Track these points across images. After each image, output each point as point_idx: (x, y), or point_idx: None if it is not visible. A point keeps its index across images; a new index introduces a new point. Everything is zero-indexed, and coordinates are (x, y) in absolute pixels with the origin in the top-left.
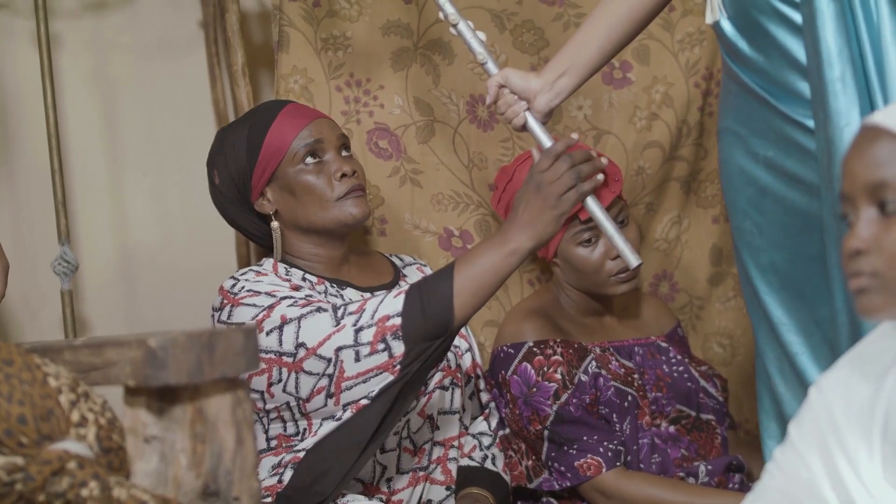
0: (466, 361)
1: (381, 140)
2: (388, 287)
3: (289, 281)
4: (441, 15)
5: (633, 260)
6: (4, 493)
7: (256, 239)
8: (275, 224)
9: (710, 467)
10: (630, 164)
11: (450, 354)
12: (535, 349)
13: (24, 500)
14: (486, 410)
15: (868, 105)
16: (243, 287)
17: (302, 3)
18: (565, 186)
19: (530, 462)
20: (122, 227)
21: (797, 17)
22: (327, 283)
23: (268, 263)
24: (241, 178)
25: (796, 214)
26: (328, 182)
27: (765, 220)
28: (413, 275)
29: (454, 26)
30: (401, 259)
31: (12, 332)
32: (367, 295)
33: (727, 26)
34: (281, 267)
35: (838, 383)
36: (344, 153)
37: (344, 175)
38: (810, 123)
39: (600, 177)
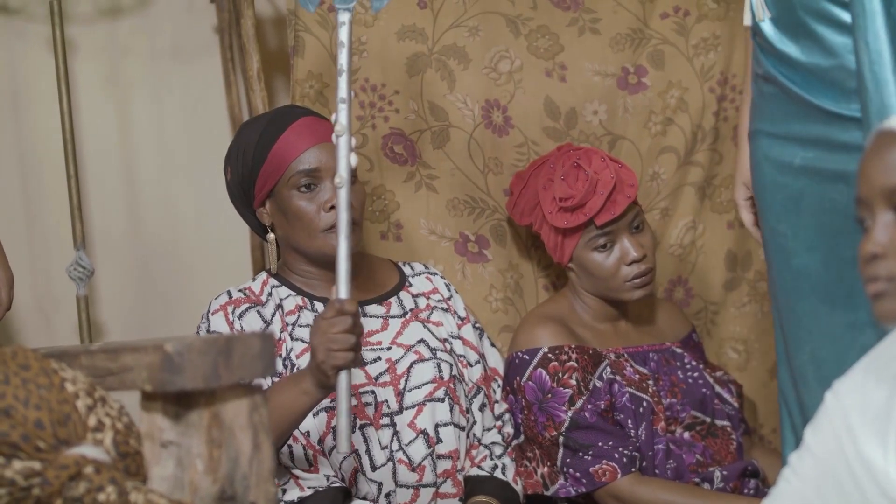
0: (475, 373)
1: (397, 145)
2: (384, 298)
3: (259, 304)
4: (333, 118)
5: (344, 446)
6: (22, 498)
7: (265, 240)
8: (270, 236)
9: (725, 473)
10: (645, 169)
11: (442, 365)
12: (550, 355)
13: None
14: (500, 422)
15: None
16: (202, 320)
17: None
18: (339, 345)
19: (546, 469)
20: (138, 233)
21: (846, 16)
22: (315, 303)
23: (259, 279)
24: (247, 182)
25: (835, 214)
26: (318, 212)
27: (800, 222)
28: (420, 284)
29: (339, 136)
30: (412, 268)
31: (28, 337)
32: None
33: (768, 27)
34: (268, 285)
35: (854, 388)
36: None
37: (333, 207)
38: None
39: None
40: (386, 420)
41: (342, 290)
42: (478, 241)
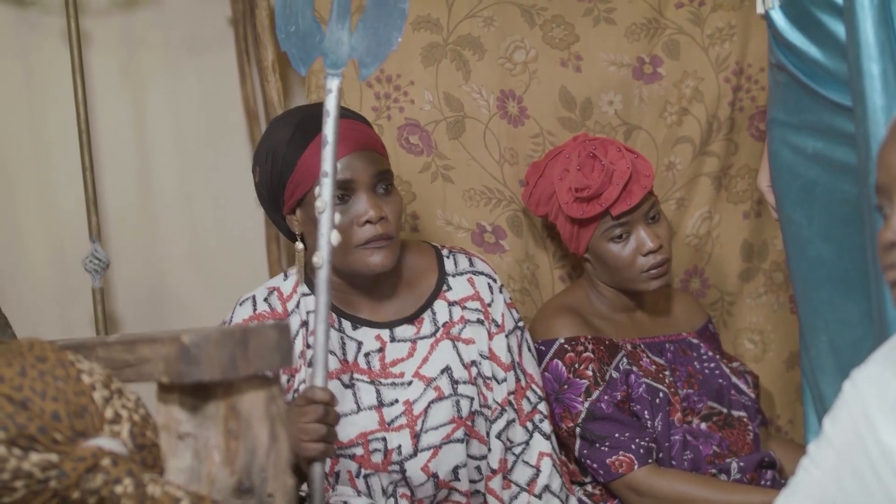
0: (501, 392)
1: (412, 136)
2: (417, 315)
3: (286, 313)
4: (316, 190)
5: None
6: (39, 490)
7: (290, 238)
8: (300, 246)
9: (741, 464)
10: (660, 159)
11: (462, 403)
12: (566, 346)
13: (58, 497)
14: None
15: None
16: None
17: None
18: (309, 436)
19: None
20: (153, 224)
21: None
22: (342, 321)
23: (291, 280)
24: (276, 187)
25: (846, 204)
26: (350, 226)
27: (815, 211)
28: (460, 288)
29: (319, 213)
30: (455, 261)
31: (44, 329)
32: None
33: (778, 16)
34: (298, 292)
35: (872, 377)
36: (380, 190)
37: (368, 221)
38: None
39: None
40: (395, 466)
41: (318, 375)
42: (494, 231)
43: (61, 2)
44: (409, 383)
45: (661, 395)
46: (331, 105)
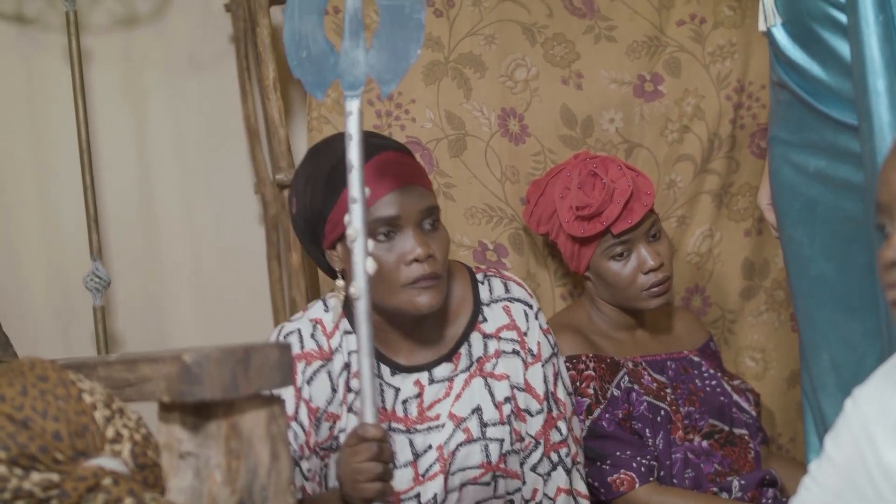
0: (535, 425)
1: (414, 154)
2: (454, 351)
3: (328, 360)
4: (345, 218)
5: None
6: None
7: (329, 274)
8: (341, 283)
9: (743, 482)
10: (662, 177)
11: (491, 447)
12: (567, 364)
13: None
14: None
15: None
16: None
17: (333, 17)
18: (364, 476)
19: None
20: (154, 243)
21: None
22: (381, 367)
23: (333, 313)
24: (315, 220)
25: (848, 222)
26: (397, 264)
27: (816, 229)
28: (495, 317)
29: (352, 241)
30: (490, 287)
31: (45, 348)
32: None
33: (780, 34)
34: (341, 329)
35: (874, 395)
36: (427, 226)
37: (415, 260)
38: None
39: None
40: None
41: (367, 412)
42: (496, 249)
43: (62, 19)
44: (443, 426)
45: (662, 413)
46: (352, 128)
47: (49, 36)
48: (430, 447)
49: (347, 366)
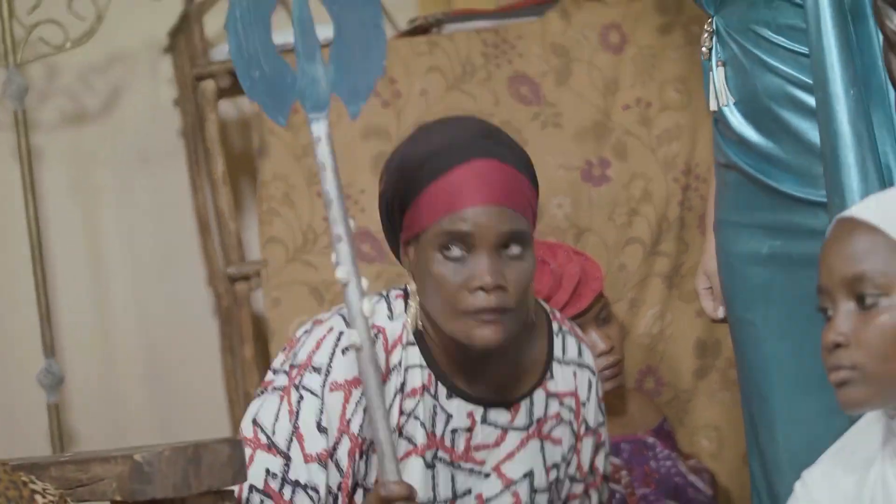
0: (572, 489)
1: (364, 244)
2: (516, 401)
3: (388, 370)
4: (332, 257)
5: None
6: None
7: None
8: (412, 287)
9: None
10: (611, 261)
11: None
12: None
13: None
14: None
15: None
16: (304, 374)
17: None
18: None
19: None
20: (108, 338)
21: (812, 100)
22: (438, 386)
23: (399, 320)
24: (397, 208)
25: (805, 300)
26: (462, 286)
27: (770, 311)
28: (563, 379)
29: (343, 284)
30: (563, 345)
31: None
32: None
33: (731, 113)
34: (404, 340)
35: (823, 477)
36: (509, 252)
37: (481, 288)
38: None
39: None
40: None
41: (389, 468)
42: None
43: (11, 118)
44: (487, 475)
45: (617, 496)
46: (324, 156)
47: None
48: (469, 492)
49: (402, 386)
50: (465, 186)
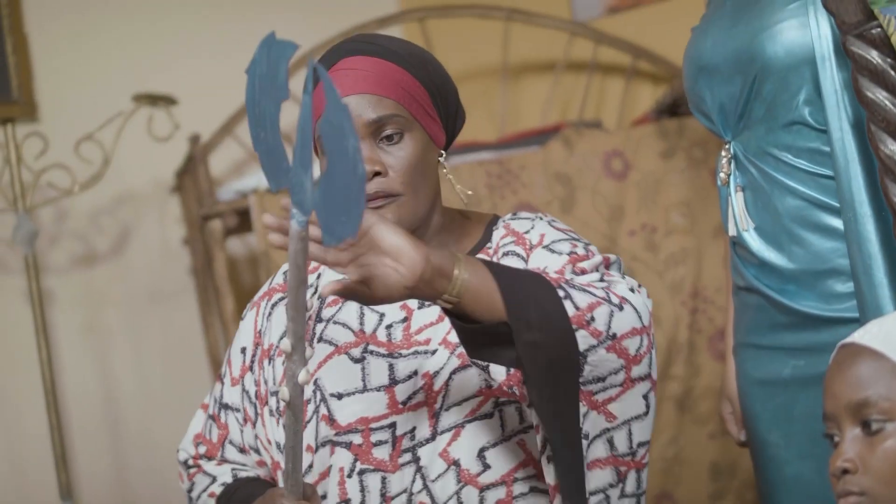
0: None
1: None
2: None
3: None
4: (283, 343)
5: None
6: None
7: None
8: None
9: None
10: None
11: (491, 368)
12: None
13: None
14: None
15: None
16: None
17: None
18: None
19: None
20: (123, 478)
21: (835, 222)
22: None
23: None
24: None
25: None
26: None
27: (792, 430)
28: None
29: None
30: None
31: None
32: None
33: (752, 238)
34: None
35: None
36: (386, 136)
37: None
38: (855, 315)
39: None
40: (407, 457)
41: (291, 486)
42: None
43: (22, 263)
44: (434, 352)
45: None
46: (296, 257)
47: (9, 279)
48: (415, 373)
49: (315, 290)
50: (344, 78)
